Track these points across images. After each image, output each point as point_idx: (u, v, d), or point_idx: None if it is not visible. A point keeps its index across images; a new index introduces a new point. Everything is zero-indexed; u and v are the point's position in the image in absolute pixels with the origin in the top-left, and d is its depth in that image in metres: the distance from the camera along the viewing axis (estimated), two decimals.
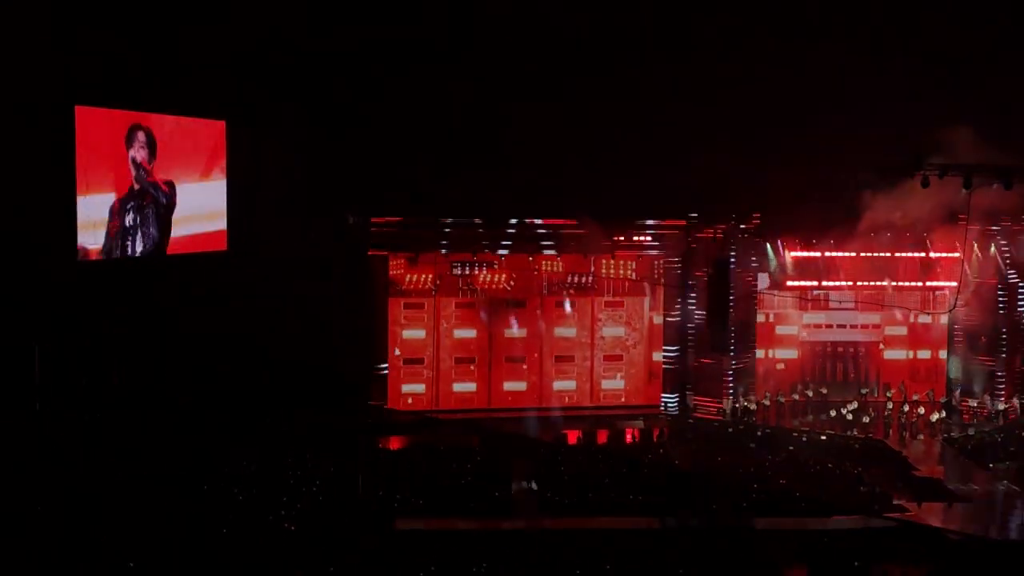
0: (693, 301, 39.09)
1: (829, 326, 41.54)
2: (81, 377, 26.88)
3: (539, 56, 34.78)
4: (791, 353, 41.22)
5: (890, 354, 41.37)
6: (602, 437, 37.30)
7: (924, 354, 41.28)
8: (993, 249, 38.93)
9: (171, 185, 28.05)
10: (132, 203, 26.64)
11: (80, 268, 25.78)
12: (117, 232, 26.36)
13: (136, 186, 26.70)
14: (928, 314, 40.48)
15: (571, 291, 40.75)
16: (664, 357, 40.02)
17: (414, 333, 40.09)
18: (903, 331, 41.45)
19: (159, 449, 27.33)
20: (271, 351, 32.53)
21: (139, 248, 27.25)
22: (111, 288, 26.97)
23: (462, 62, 34.76)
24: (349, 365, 35.45)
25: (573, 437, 36.95)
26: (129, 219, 26.65)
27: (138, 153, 26.75)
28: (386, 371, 38.56)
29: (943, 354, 40.91)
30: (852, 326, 41.50)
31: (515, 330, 40.45)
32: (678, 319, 39.60)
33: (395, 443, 35.40)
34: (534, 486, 29.96)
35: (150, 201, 27.31)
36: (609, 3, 35.08)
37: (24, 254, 24.28)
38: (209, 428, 30.09)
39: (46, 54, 24.52)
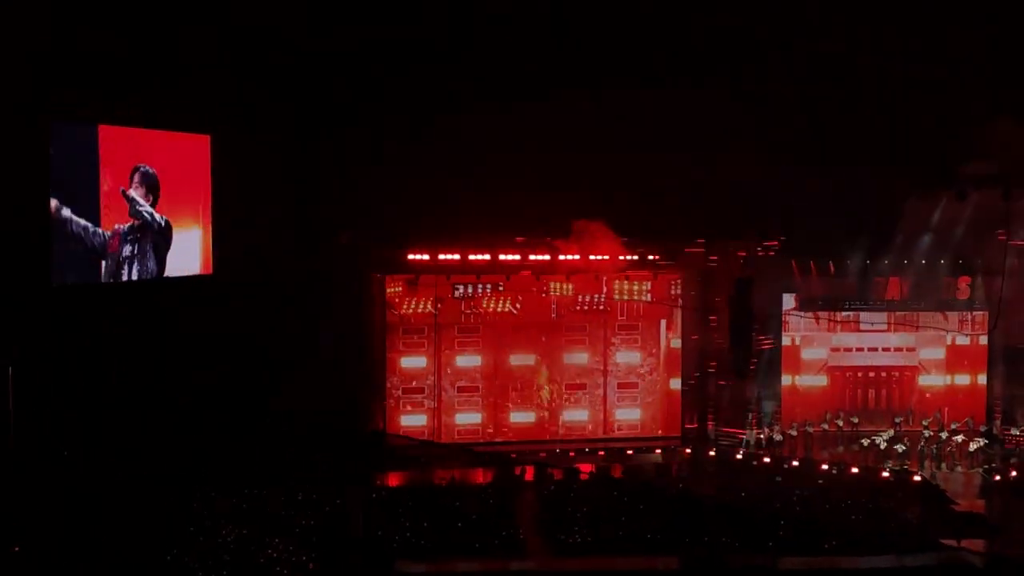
0: (713, 324, 38.97)
1: (860, 349, 41.41)
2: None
3: (540, 60, 35.01)
4: (819, 380, 41.14)
5: (927, 379, 41.27)
6: (617, 470, 37.13)
7: (963, 379, 41.20)
8: None
9: (168, 223, 29.80)
10: (131, 235, 28.41)
11: (62, 291, 26.40)
12: (113, 256, 27.84)
13: (136, 221, 28.59)
14: (967, 335, 40.37)
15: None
16: (683, 384, 39.91)
17: (413, 361, 40.03)
18: (940, 354, 41.34)
19: (132, 487, 27.58)
20: (257, 382, 32.68)
21: (134, 277, 28.90)
22: (95, 315, 27.39)
23: (462, 64, 34.98)
24: (344, 395, 35.46)
25: (586, 471, 36.78)
26: (127, 250, 28.28)
27: (136, 191, 28.50)
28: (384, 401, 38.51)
29: (982, 379, 40.80)
30: (885, 349, 41.38)
31: (522, 357, 40.48)
32: (697, 344, 39.49)
33: (394, 479, 35.30)
34: None
35: (149, 236, 29.05)
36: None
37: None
38: (190, 464, 30.20)
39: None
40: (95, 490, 26.50)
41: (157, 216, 29.45)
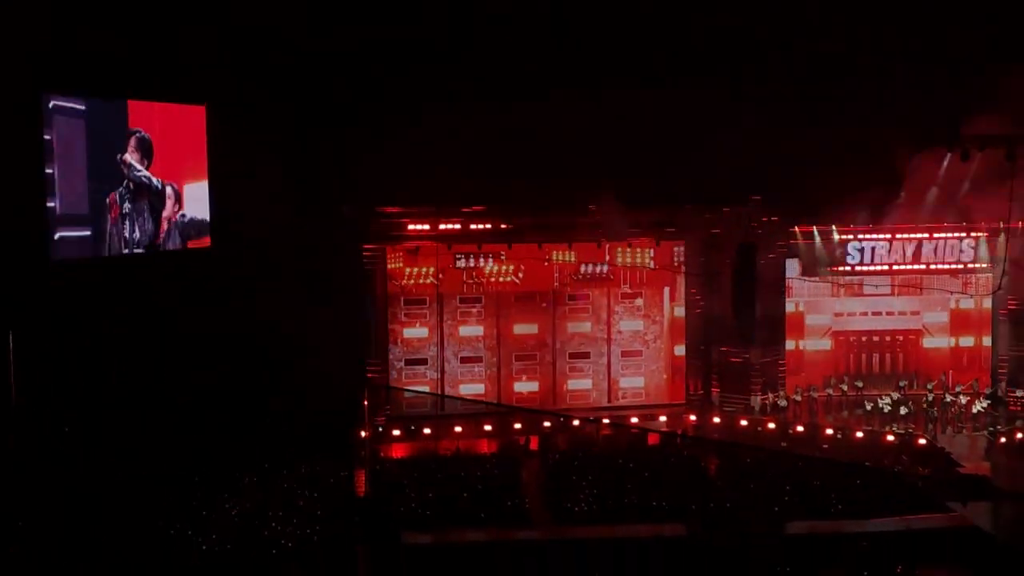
0: (717, 290, 39.00)
1: (864, 314, 41.45)
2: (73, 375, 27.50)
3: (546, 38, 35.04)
4: (824, 344, 41.22)
5: (931, 342, 41.34)
6: (621, 439, 37.19)
7: (967, 341, 41.29)
8: None
9: (162, 183, 30.00)
10: (127, 195, 28.78)
11: (63, 266, 26.55)
12: (116, 220, 28.43)
13: (131, 183, 28.86)
14: (970, 296, 40.34)
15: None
16: (687, 351, 39.95)
17: (416, 332, 40.09)
18: (944, 318, 41.40)
19: (139, 452, 27.73)
20: (261, 352, 32.75)
21: (136, 236, 29.28)
22: (97, 287, 27.51)
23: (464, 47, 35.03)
24: (346, 368, 35.49)
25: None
26: (126, 207, 28.74)
27: (132, 155, 28.77)
28: (387, 372, 38.55)
29: (987, 341, 40.89)
30: (889, 313, 41.43)
31: (525, 326, 40.56)
32: (701, 310, 39.56)
33: (399, 450, 35.47)
34: None
35: (146, 197, 29.35)
36: None
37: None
38: (197, 431, 30.31)
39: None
40: (93, 470, 26.68)
41: (155, 180, 29.68)
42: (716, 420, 38.41)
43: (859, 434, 35.84)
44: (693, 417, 38.90)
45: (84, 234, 27.38)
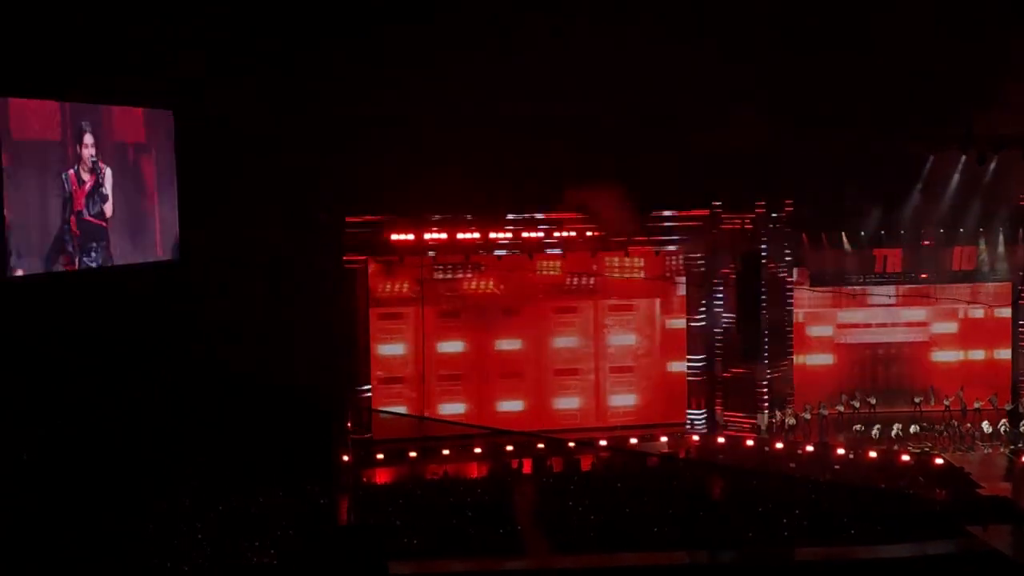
0: (720, 303, 39.17)
1: (868, 325, 41.68)
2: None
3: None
4: (827, 358, 41.42)
5: (940, 356, 41.59)
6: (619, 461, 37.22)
7: (978, 354, 41.53)
8: None
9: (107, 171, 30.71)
10: (88, 174, 29.84)
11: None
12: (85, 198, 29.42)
13: (88, 164, 29.90)
14: (988, 307, 40.54)
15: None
16: (688, 367, 39.93)
17: (393, 349, 40.09)
18: (953, 328, 41.65)
19: (106, 476, 27.75)
20: (236, 371, 32.78)
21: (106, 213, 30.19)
22: (57, 303, 27.63)
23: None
24: (326, 387, 35.55)
25: (587, 462, 36.89)
26: (88, 184, 29.70)
27: (86, 151, 29.64)
28: (369, 393, 38.56)
29: (999, 354, 41.02)
30: (895, 324, 41.67)
31: (509, 342, 40.64)
32: (703, 323, 39.60)
33: (383, 476, 35.46)
34: None
35: (100, 177, 30.39)
36: None
37: None
38: (168, 453, 30.33)
39: None
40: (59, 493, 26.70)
41: (100, 164, 30.08)
42: (721, 440, 38.50)
43: (872, 454, 35.98)
44: (696, 437, 38.95)
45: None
